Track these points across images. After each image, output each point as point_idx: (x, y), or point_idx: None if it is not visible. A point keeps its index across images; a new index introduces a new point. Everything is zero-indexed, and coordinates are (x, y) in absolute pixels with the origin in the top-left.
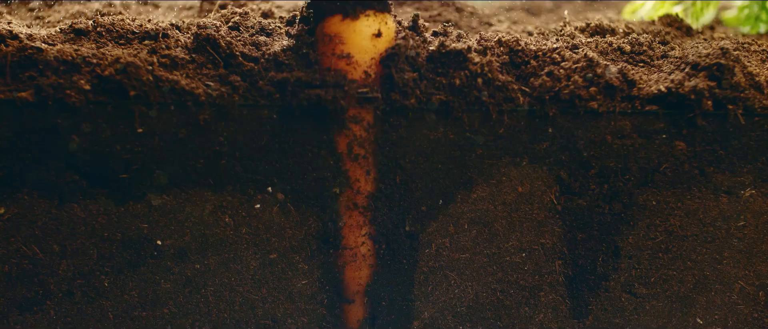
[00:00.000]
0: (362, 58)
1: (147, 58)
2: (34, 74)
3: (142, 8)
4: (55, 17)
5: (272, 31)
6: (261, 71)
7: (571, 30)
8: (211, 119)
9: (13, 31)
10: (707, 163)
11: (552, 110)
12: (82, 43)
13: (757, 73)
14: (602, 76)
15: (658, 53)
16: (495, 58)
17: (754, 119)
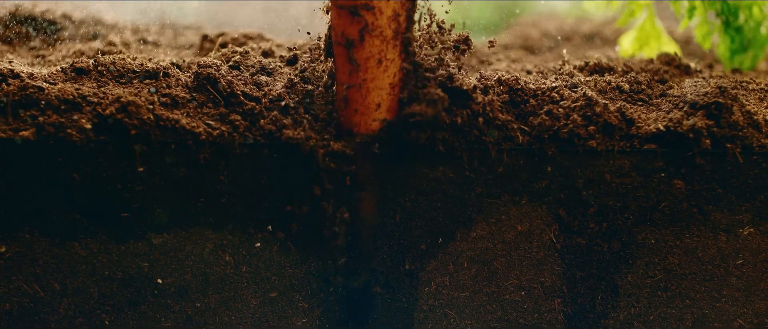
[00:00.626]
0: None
1: (148, 97)
2: (36, 113)
3: (142, 47)
4: (56, 56)
5: (273, 71)
6: (262, 111)
7: (570, 69)
8: (211, 157)
9: (14, 69)
10: (706, 201)
11: (551, 149)
12: (83, 82)
13: (756, 112)
14: (601, 115)
15: (657, 92)
16: (495, 97)
17: (753, 157)
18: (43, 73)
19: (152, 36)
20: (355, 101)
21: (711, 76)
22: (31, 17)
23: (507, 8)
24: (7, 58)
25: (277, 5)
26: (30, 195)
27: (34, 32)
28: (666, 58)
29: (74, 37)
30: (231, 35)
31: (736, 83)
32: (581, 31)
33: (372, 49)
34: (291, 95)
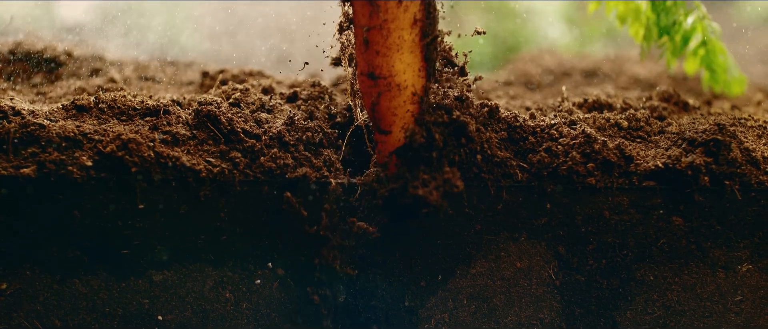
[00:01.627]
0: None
1: (148, 134)
2: (37, 150)
3: (143, 84)
4: (57, 92)
5: (273, 108)
6: (262, 148)
7: (569, 105)
8: (212, 194)
9: (15, 107)
10: (704, 238)
11: (550, 186)
12: (84, 120)
13: (754, 149)
14: (600, 152)
15: (655, 129)
16: (494, 134)
17: (751, 194)
18: (44, 110)
19: (153, 72)
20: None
21: (709, 113)
22: (33, 54)
23: (507, 43)
24: (8, 95)
25: (277, 41)
26: (31, 232)
27: (35, 69)
28: (665, 94)
29: (75, 74)
30: (231, 72)
31: (735, 120)
32: (580, 67)
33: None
34: (291, 133)
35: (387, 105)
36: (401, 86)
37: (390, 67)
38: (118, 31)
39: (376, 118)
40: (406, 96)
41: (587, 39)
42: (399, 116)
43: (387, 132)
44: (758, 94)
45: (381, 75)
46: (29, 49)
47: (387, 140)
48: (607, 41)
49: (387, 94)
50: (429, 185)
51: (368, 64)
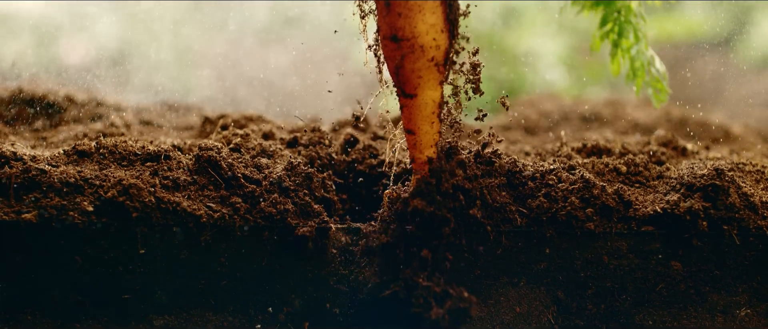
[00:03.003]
0: None
1: (149, 179)
2: (38, 196)
3: (144, 128)
4: (58, 137)
5: (273, 153)
6: (263, 193)
7: (568, 150)
8: (212, 240)
9: (17, 152)
10: (703, 282)
11: (549, 231)
12: (85, 165)
13: (752, 194)
14: (598, 197)
15: (654, 174)
16: (494, 179)
17: (749, 239)
18: (45, 155)
19: (153, 117)
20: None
21: (708, 158)
22: (34, 99)
23: (506, 87)
24: (9, 140)
25: (277, 85)
26: (32, 277)
27: (36, 114)
28: (664, 139)
29: (76, 119)
30: (232, 117)
31: (733, 165)
32: (579, 111)
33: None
34: (291, 178)
35: (411, 67)
36: (425, 47)
37: (412, 28)
38: (119, 76)
39: (400, 81)
40: (430, 57)
41: (586, 83)
42: (424, 79)
43: (412, 95)
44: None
45: (404, 37)
46: (31, 94)
47: (412, 103)
48: (605, 85)
49: (411, 56)
50: (442, 305)
51: (390, 27)
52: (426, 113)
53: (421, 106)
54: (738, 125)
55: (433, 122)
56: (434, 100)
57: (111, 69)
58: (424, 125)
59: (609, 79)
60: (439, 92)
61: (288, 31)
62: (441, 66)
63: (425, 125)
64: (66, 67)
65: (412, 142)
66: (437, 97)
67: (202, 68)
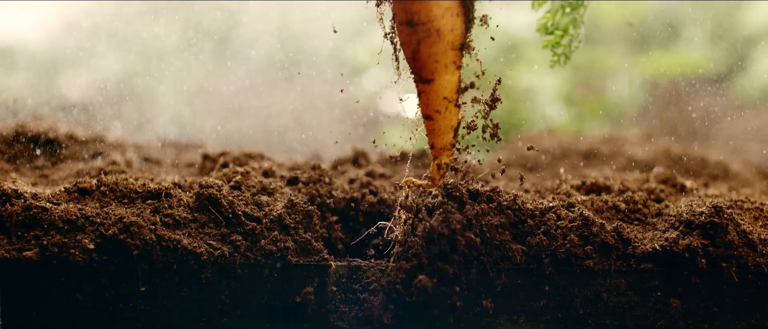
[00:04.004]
0: None
1: (150, 217)
2: (39, 233)
3: (144, 166)
4: (59, 175)
5: (274, 191)
6: (263, 231)
7: (567, 188)
8: (213, 277)
9: (18, 190)
10: (702, 320)
11: (549, 269)
12: (86, 203)
13: (751, 231)
14: (598, 235)
15: (653, 211)
16: (493, 217)
17: (748, 276)
18: (46, 193)
19: (154, 154)
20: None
21: (706, 195)
22: (35, 136)
23: (505, 123)
24: (11, 177)
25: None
26: (33, 314)
27: (37, 151)
28: (662, 176)
29: (77, 156)
30: (232, 155)
31: (732, 203)
32: (578, 148)
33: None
34: (292, 216)
35: (427, 52)
36: (441, 30)
37: (428, 12)
38: (119, 112)
39: (417, 67)
40: (446, 41)
41: (585, 118)
42: (441, 63)
43: (430, 80)
44: (756, 175)
45: (419, 21)
46: (32, 131)
47: (430, 88)
48: (604, 120)
49: (427, 40)
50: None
51: (406, 12)
52: (443, 97)
53: (439, 90)
54: (737, 162)
55: (451, 106)
56: (452, 84)
57: (112, 105)
58: (443, 109)
59: (608, 114)
60: (456, 77)
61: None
62: (457, 50)
63: (443, 110)
64: (67, 103)
65: (430, 128)
66: (455, 81)
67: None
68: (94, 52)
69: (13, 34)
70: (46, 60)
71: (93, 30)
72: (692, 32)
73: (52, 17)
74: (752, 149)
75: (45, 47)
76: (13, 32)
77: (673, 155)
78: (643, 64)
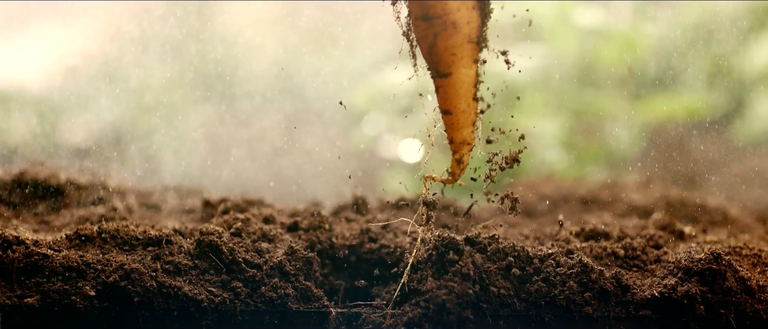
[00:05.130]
0: None
1: (151, 264)
2: (41, 280)
3: (145, 212)
4: (60, 221)
5: (274, 237)
6: (263, 278)
7: (567, 234)
8: (213, 324)
9: (19, 236)
10: None
11: (548, 316)
12: (88, 249)
13: (749, 278)
14: (597, 281)
15: (652, 258)
16: (492, 264)
17: (746, 322)
18: (48, 239)
19: (155, 200)
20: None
21: (705, 241)
22: (36, 182)
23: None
24: (12, 224)
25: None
26: None
27: (38, 198)
28: (661, 222)
29: (78, 202)
30: (233, 201)
31: (730, 249)
32: (578, 194)
33: None
34: (292, 262)
35: (444, 45)
36: (457, 23)
37: (444, 5)
38: (120, 158)
39: (434, 61)
40: (463, 34)
41: (584, 163)
42: (458, 56)
43: (447, 74)
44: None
45: (435, 15)
46: (33, 178)
47: (447, 82)
48: (603, 166)
49: (443, 33)
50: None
51: (421, 6)
52: (462, 91)
53: (457, 84)
54: (736, 207)
55: (469, 100)
56: (470, 78)
57: (112, 151)
58: (461, 103)
59: (608, 160)
60: (473, 70)
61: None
62: (474, 44)
63: (462, 104)
64: (67, 149)
65: (449, 122)
66: (472, 75)
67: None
68: (94, 97)
69: (14, 79)
70: (46, 105)
71: (94, 75)
72: (691, 76)
73: (53, 62)
74: (751, 194)
75: (46, 92)
76: (13, 77)
77: (671, 200)
78: (642, 109)
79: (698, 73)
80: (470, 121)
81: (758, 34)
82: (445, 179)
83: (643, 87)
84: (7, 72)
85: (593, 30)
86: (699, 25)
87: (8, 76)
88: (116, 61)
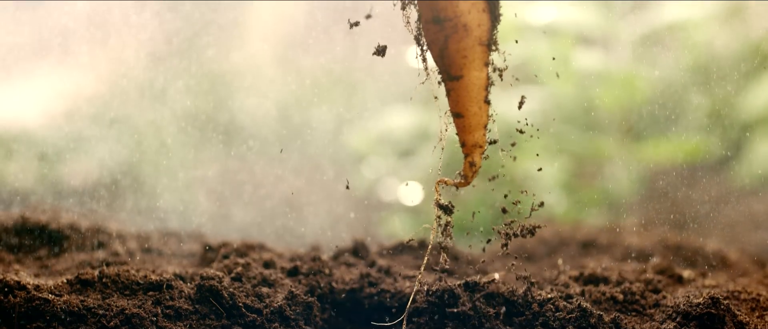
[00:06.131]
0: None
1: (151, 309)
2: (42, 325)
3: (146, 257)
4: (61, 266)
5: (274, 282)
6: (264, 322)
7: (565, 279)
8: None
9: (21, 281)
10: None
11: None
12: (89, 294)
13: (747, 322)
14: (596, 326)
15: (650, 302)
16: (491, 309)
17: None
18: (49, 284)
19: (155, 244)
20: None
21: (704, 285)
22: (37, 226)
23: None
24: (13, 268)
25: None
26: None
27: (39, 242)
28: (660, 267)
29: (79, 247)
30: (233, 245)
31: (728, 293)
32: (577, 238)
33: None
34: (292, 307)
35: (455, 47)
36: (468, 26)
37: (454, 7)
38: (121, 201)
39: (446, 64)
40: (473, 37)
41: (584, 206)
42: (469, 58)
43: (458, 77)
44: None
45: (446, 17)
46: (33, 222)
47: (459, 85)
48: (603, 209)
49: (454, 36)
50: None
51: (431, 9)
52: (473, 93)
53: (468, 87)
54: (734, 251)
55: (480, 103)
56: (481, 80)
57: (113, 194)
58: (473, 106)
59: (607, 203)
60: (484, 73)
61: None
62: (485, 46)
63: (473, 107)
64: (68, 191)
65: (461, 125)
66: (483, 78)
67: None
68: (95, 140)
69: (15, 122)
70: (47, 148)
71: (95, 117)
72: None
73: (55, 104)
74: (750, 238)
75: (47, 135)
76: (14, 120)
77: (670, 244)
78: (642, 152)
79: (697, 116)
80: (482, 123)
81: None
82: (458, 183)
83: (642, 130)
84: (8, 113)
85: (592, 73)
86: (698, 67)
87: (9, 118)
88: (118, 103)
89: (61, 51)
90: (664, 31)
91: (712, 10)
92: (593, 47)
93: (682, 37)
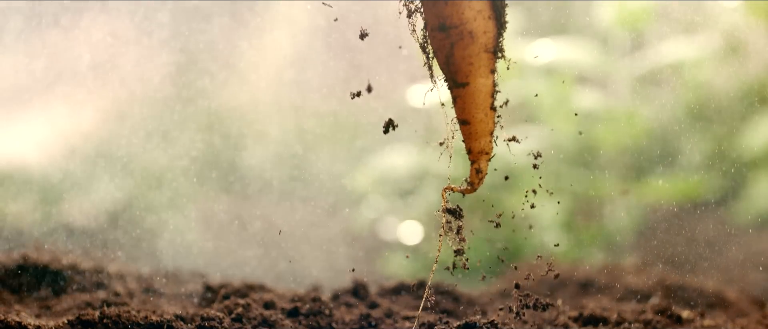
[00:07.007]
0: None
1: None
2: None
3: (146, 297)
4: (62, 306)
5: (274, 323)
6: None
7: (565, 319)
8: None
9: (22, 322)
10: None
11: None
12: None
13: None
14: None
15: None
16: None
17: None
18: (50, 325)
19: (156, 284)
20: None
21: (703, 325)
22: (38, 267)
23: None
24: (15, 309)
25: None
26: None
27: (41, 282)
28: (658, 307)
29: (80, 287)
30: (233, 286)
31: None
32: (576, 277)
33: None
34: None
35: (461, 54)
36: (474, 33)
37: (460, 15)
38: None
39: (451, 71)
40: (479, 44)
41: (583, 246)
42: (475, 65)
43: (464, 84)
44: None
45: (452, 24)
46: (35, 262)
47: (465, 92)
48: (602, 248)
49: (460, 43)
50: None
51: (437, 16)
52: (479, 100)
53: (475, 94)
54: (733, 290)
55: (486, 110)
56: (487, 87)
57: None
58: (479, 113)
59: (607, 242)
60: (491, 80)
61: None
62: (491, 53)
63: (480, 113)
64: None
65: (467, 132)
66: (489, 84)
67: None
68: (95, 178)
69: (14, 160)
70: (47, 186)
71: (95, 156)
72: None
73: (54, 142)
74: (749, 278)
75: (46, 173)
76: (13, 158)
77: (670, 284)
78: (641, 191)
79: (696, 155)
80: (488, 130)
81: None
82: (464, 189)
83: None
84: (8, 152)
85: (591, 112)
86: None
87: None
88: (118, 142)
89: (61, 89)
90: (664, 70)
91: (711, 48)
92: (592, 86)
93: (682, 76)
